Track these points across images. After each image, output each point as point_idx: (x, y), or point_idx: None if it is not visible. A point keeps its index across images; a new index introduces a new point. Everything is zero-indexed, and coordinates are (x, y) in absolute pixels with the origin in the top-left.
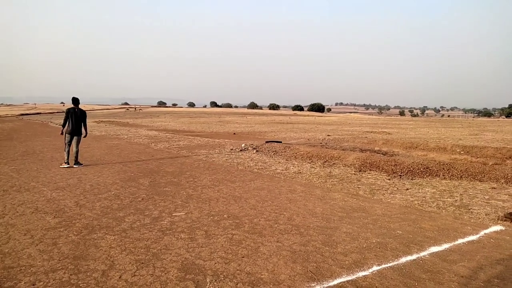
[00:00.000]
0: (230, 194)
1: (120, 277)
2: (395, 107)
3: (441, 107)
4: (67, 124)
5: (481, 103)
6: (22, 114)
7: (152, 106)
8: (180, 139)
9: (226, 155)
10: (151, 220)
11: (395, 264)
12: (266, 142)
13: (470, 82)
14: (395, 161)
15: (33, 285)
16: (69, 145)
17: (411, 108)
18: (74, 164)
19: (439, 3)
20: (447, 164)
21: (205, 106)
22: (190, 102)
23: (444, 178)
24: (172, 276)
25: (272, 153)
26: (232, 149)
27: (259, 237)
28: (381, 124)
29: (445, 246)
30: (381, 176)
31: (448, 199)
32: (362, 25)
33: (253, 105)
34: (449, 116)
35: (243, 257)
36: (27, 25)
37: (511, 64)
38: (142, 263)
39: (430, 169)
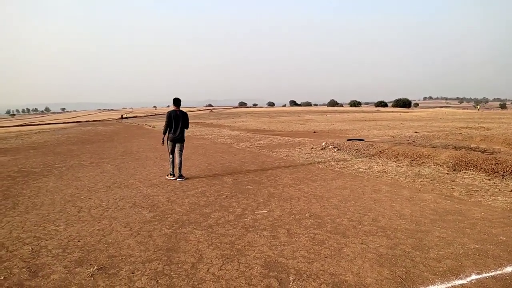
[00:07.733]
0: (311, 193)
1: (207, 270)
2: (495, 99)
3: None
4: (167, 130)
5: None
6: (122, 118)
7: (234, 107)
8: (260, 138)
9: (307, 154)
10: (235, 217)
11: (497, 274)
12: (348, 140)
13: None
14: (496, 159)
15: (132, 273)
16: (173, 154)
17: None
18: (178, 178)
19: None
20: None
21: (284, 105)
22: (269, 102)
23: None
24: (256, 272)
25: (354, 152)
26: (312, 148)
27: (342, 237)
28: (477, 118)
29: None
30: (479, 176)
31: None
32: (461, 12)
33: (333, 103)
34: None
35: (326, 257)
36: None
37: None
38: (228, 258)
39: None
